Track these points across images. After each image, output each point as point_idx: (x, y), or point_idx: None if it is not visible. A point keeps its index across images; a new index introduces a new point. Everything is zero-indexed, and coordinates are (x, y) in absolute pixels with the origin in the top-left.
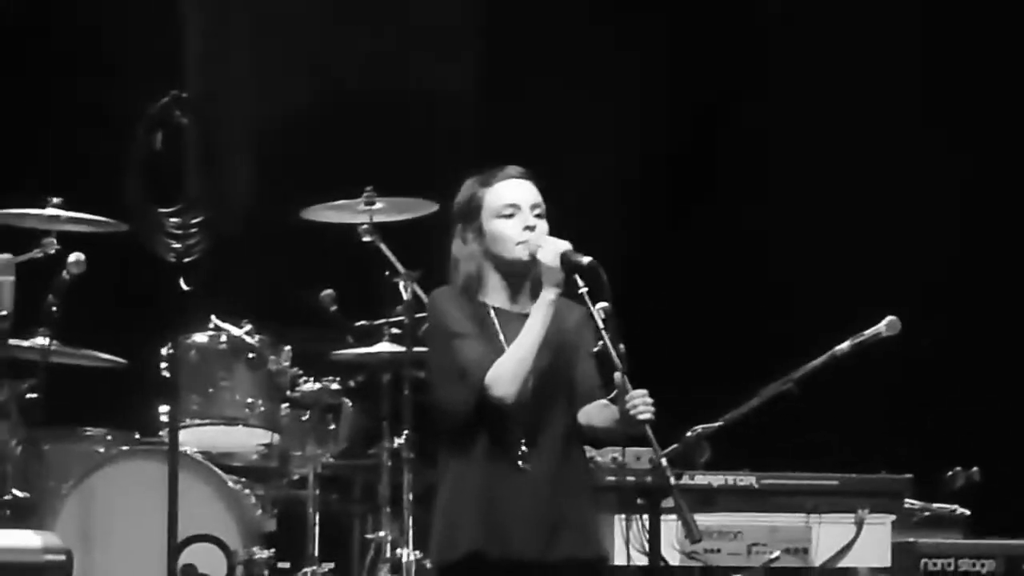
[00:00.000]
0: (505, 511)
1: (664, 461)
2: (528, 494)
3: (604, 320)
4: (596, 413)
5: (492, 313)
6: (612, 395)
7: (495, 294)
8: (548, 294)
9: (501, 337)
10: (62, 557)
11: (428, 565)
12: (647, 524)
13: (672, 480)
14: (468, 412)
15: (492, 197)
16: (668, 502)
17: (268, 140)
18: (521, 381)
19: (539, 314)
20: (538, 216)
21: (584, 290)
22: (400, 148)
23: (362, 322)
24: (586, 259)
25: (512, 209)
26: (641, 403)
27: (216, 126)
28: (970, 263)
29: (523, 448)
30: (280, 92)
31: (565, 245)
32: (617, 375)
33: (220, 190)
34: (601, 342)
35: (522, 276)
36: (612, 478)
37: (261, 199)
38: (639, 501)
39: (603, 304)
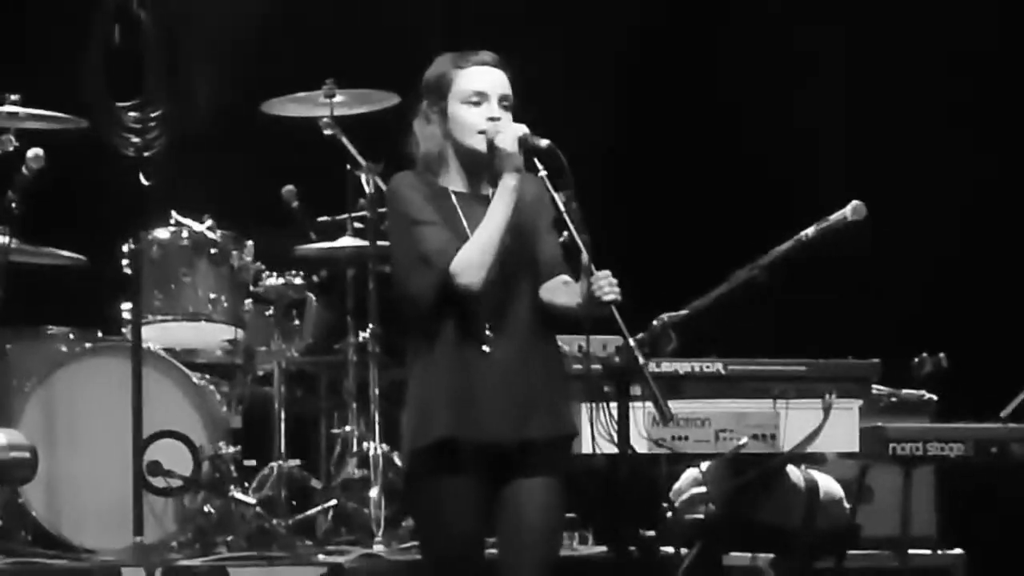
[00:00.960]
0: (475, 395)
1: (633, 342)
2: (497, 376)
3: (567, 210)
4: (558, 289)
5: (453, 198)
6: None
7: (455, 178)
8: (509, 180)
9: (464, 222)
10: (26, 454)
11: (397, 455)
12: (615, 412)
13: (641, 360)
14: (433, 299)
15: (462, 81)
16: (636, 390)
17: (227, 33)
18: (486, 268)
19: (501, 201)
20: (504, 107)
21: (543, 173)
22: (361, 39)
23: (324, 217)
24: (544, 142)
25: (479, 97)
26: (606, 284)
27: (174, 19)
28: (938, 146)
29: (488, 332)
30: None
31: (522, 129)
32: (584, 257)
33: (180, 85)
34: (566, 232)
35: (482, 163)
36: (578, 366)
37: (221, 93)
38: (606, 389)
39: (567, 199)
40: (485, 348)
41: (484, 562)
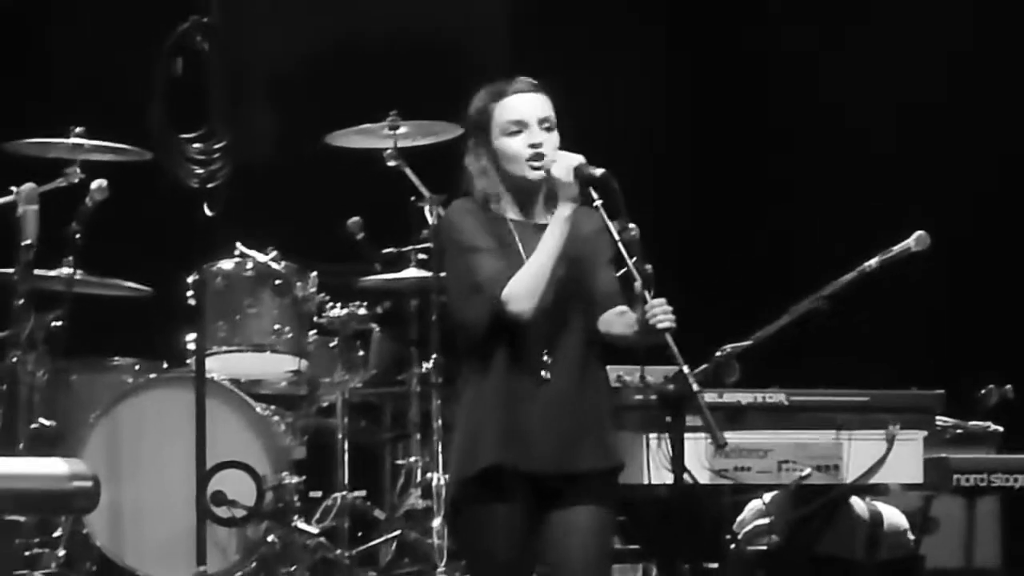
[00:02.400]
0: (525, 424)
1: (687, 369)
2: (548, 406)
3: (622, 239)
4: (615, 320)
5: (510, 224)
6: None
7: (510, 208)
8: (564, 209)
9: (520, 249)
10: (89, 484)
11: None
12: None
13: (695, 387)
14: (485, 327)
15: (500, 113)
16: (695, 420)
17: (291, 64)
18: (537, 297)
19: (555, 229)
20: (547, 130)
21: (599, 203)
22: (425, 71)
23: (389, 249)
24: (599, 171)
25: (518, 126)
26: (661, 312)
27: (238, 50)
28: (1003, 174)
29: (542, 360)
30: (305, 16)
31: (578, 159)
32: (637, 284)
33: (243, 116)
34: (624, 268)
35: (534, 190)
36: (639, 397)
37: (285, 124)
38: (667, 419)
39: (629, 227)
40: (538, 377)
41: None
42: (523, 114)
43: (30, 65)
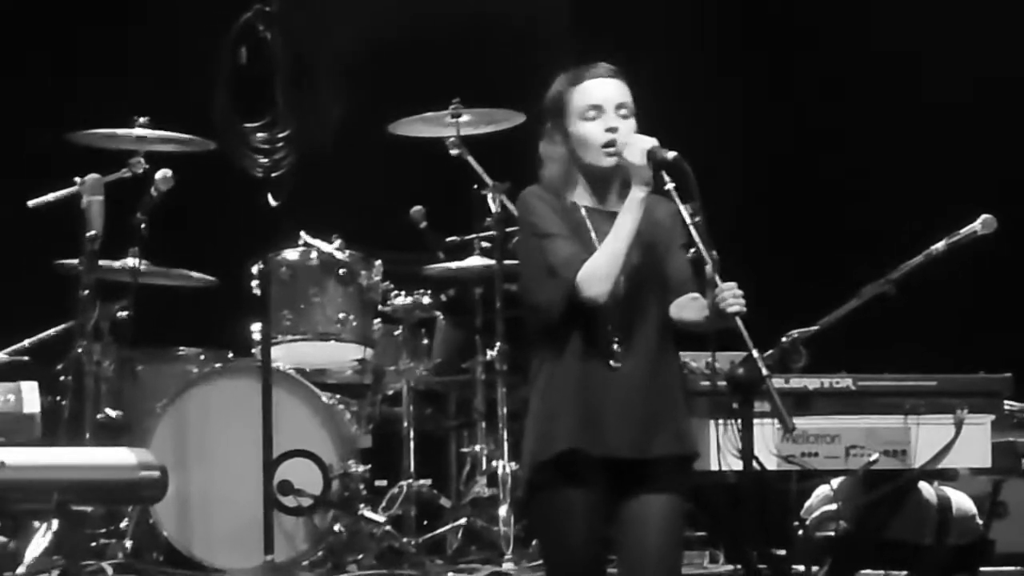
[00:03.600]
0: (600, 409)
1: (756, 353)
2: (623, 391)
3: (693, 223)
4: (687, 306)
5: (583, 211)
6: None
7: (584, 194)
8: (637, 192)
9: (592, 236)
10: (157, 473)
11: (515, 466)
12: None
13: (765, 371)
14: (559, 311)
15: (577, 97)
16: (762, 406)
17: (354, 53)
18: (611, 281)
19: (629, 213)
20: (623, 116)
21: (671, 186)
22: (487, 59)
23: (452, 237)
24: (671, 154)
25: (595, 112)
26: (731, 296)
27: (302, 39)
28: None
29: (616, 346)
30: (367, 4)
31: (651, 141)
32: (708, 268)
33: (307, 105)
34: (694, 249)
35: (608, 177)
36: (706, 383)
37: (348, 113)
38: (734, 406)
39: (694, 212)
40: (612, 363)
41: (605, 574)
42: (600, 99)
43: (95, 56)
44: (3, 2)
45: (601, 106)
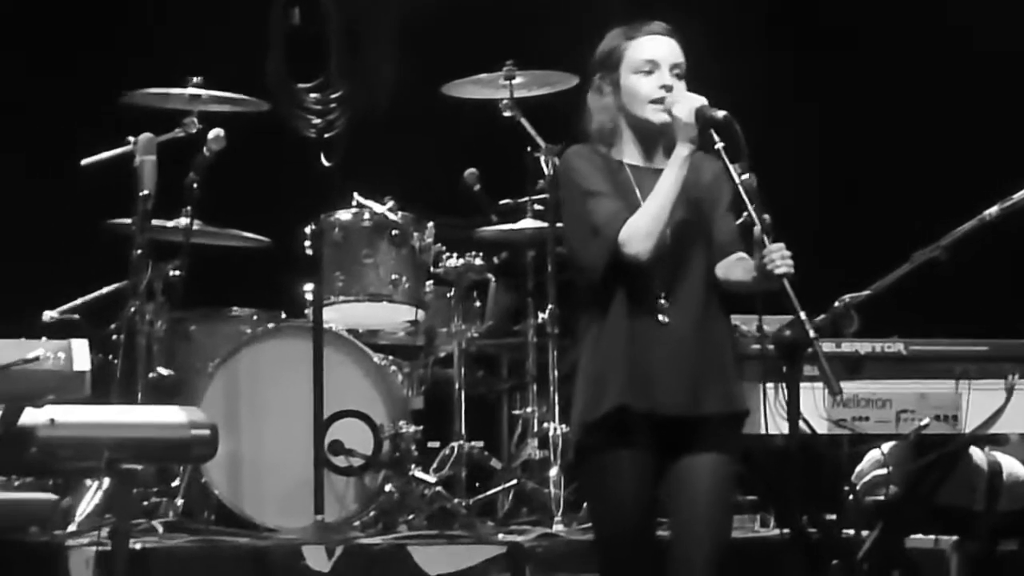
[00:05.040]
0: (649, 366)
1: (804, 315)
2: (671, 348)
3: (742, 183)
4: (733, 266)
5: (627, 170)
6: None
7: (629, 150)
8: (682, 149)
9: (637, 193)
10: (207, 432)
11: (566, 428)
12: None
13: (812, 333)
14: (604, 269)
15: (633, 51)
16: (813, 371)
17: (408, 14)
18: (655, 238)
19: (673, 170)
20: (677, 76)
21: (720, 145)
22: (541, 20)
23: (505, 200)
24: (721, 113)
25: (651, 66)
26: (779, 257)
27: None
28: None
29: (663, 301)
30: None
31: (700, 100)
32: (756, 229)
33: (361, 66)
34: (745, 213)
35: (656, 134)
36: (756, 346)
37: (402, 74)
38: (784, 370)
39: (743, 171)
40: (661, 318)
41: (655, 535)
42: (657, 55)
43: (148, 16)
44: None
45: (658, 62)
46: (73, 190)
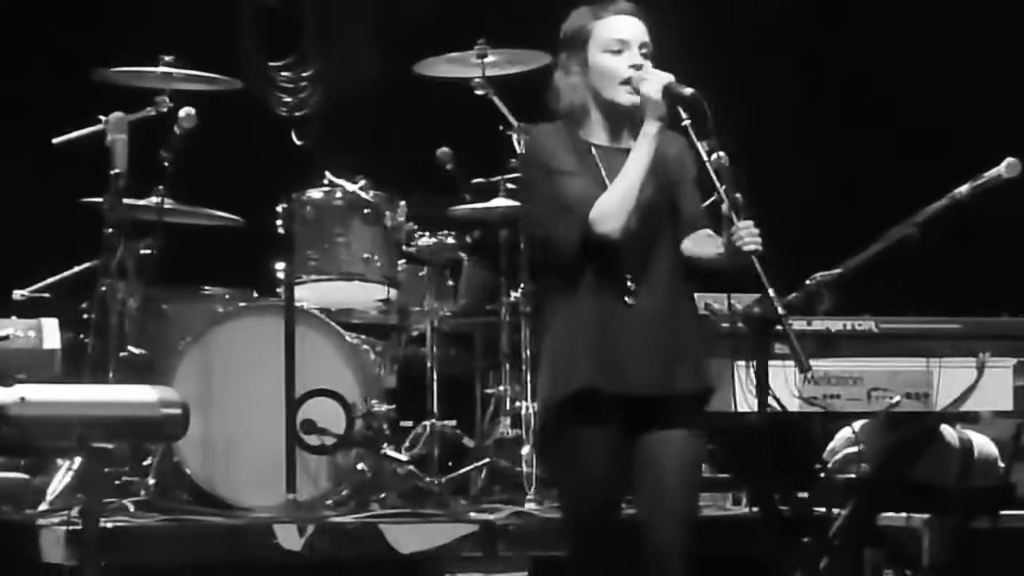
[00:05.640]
0: (616, 346)
1: (772, 292)
2: (638, 328)
3: (710, 160)
4: (701, 241)
5: (594, 151)
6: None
7: (596, 129)
8: (650, 127)
9: (603, 173)
10: (178, 411)
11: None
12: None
13: (780, 309)
14: (574, 248)
15: (602, 30)
16: (785, 348)
17: None
18: (625, 216)
19: (642, 147)
20: (644, 56)
21: (687, 122)
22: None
23: (478, 178)
24: (688, 90)
25: (620, 45)
26: (747, 234)
27: None
28: None
29: (630, 282)
30: None
31: (668, 77)
32: (724, 206)
33: (334, 45)
34: (714, 192)
35: (624, 115)
36: (727, 324)
37: (375, 53)
38: (754, 347)
39: (711, 149)
40: (627, 299)
41: (621, 514)
42: (626, 34)
43: None
44: None
45: (628, 41)
46: (45, 168)
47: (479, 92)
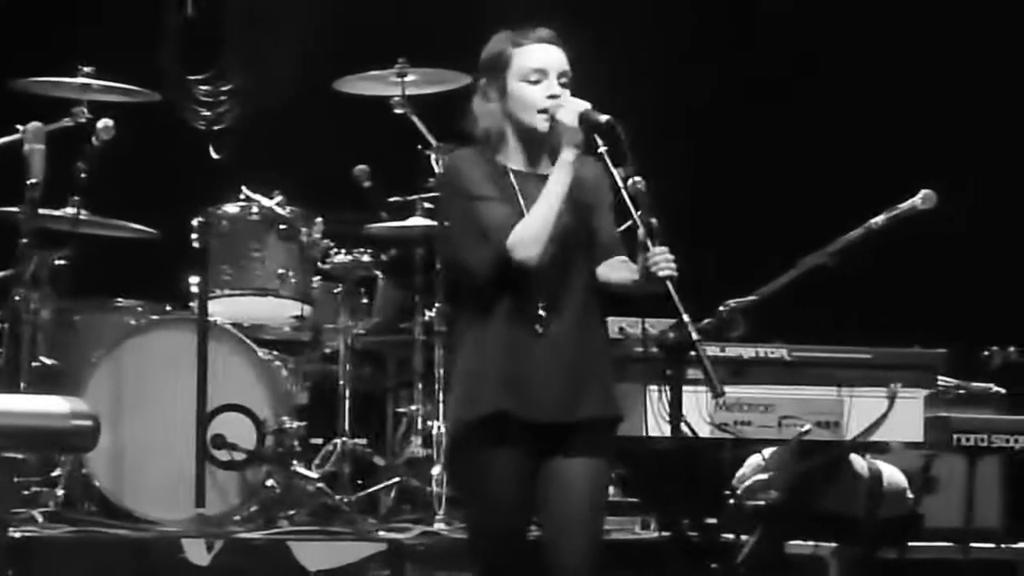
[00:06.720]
0: (526, 372)
1: (687, 317)
2: (547, 357)
3: (625, 187)
4: (616, 267)
5: (511, 176)
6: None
7: (514, 155)
8: (567, 154)
9: (520, 199)
10: (89, 423)
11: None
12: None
13: (695, 335)
14: (489, 274)
15: (521, 59)
16: (697, 373)
17: (302, 9)
18: (543, 243)
19: (559, 175)
20: (563, 85)
21: (603, 149)
22: (433, 18)
23: (395, 197)
24: (604, 117)
25: (539, 75)
26: (662, 259)
27: None
28: (1007, 135)
29: (542, 311)
30: None
31: (584, 105)
32: (640, 232)
33: (253, 60)
34: (629, 218)
35: (541, 141)
36: (640, 348)
37: (293, 69)
38: (667, 372)
39: (636, 178)
40: (538, 327)
41: (528, 537)
42: (545, 64)
43: (39, 4)
44: None
45: (545, 70)
46: None
47: (398, 111)
